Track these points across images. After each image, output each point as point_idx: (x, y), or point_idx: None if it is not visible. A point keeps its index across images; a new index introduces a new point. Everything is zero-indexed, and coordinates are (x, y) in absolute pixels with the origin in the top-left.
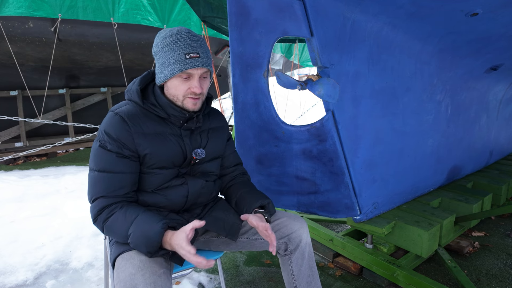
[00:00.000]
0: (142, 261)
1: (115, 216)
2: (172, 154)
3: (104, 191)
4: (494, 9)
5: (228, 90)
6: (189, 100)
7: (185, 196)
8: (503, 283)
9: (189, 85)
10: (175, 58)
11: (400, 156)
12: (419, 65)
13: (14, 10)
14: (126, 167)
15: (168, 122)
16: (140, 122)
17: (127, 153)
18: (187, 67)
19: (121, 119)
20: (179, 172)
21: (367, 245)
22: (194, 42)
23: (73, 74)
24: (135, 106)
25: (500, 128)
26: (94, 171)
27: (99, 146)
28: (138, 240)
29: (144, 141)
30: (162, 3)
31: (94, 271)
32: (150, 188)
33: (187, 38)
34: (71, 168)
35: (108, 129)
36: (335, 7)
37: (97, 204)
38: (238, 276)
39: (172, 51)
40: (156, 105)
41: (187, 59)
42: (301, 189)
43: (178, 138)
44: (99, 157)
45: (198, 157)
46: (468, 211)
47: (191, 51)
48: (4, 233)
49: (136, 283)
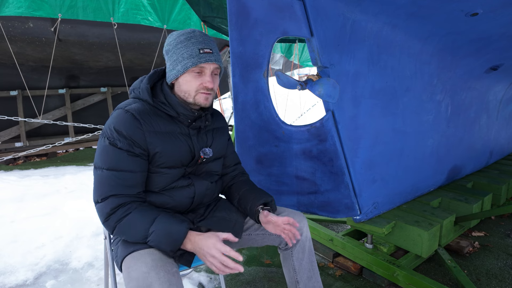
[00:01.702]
0: (154, 260)
1: (132, 215)
2: (181, 153)
3: (115, 189)
4: (494, 9)
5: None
6: (201, 95)
7: (192, 198)
8: (503, 283)
9: (201, 80)
10: (189, 53)
11: (400, 156)
12: (419, 65)
13: (14, 10)
14: (137, 166)
15: (176, 121)
16: (151, 120)
17: (138, 151)
18: (201, 60)
19: (132, 116)
20: (185, 171)
21: (367, 245)
22: (206, 40)
23: (73, 74)
24: (144, 104)
25: (500, 128)
26: (102, 169)
27: (109, 143)
28: (161, 239)
29: (155, 139)
30: (162, 3)
31: (94, 271)
32: (157, 188)
33: (200, 35)
34: (71, 168)
35: (118, 127)
36: (335, 7)
37: (109, 203)
38: (238, 276)
39: (186, 47)
40: (165, 103)
41: (201, 53)
42: (301, 189)
43: (186, 137)
44: (109, 155)
45: (206, 156)
46: (468, 211)
47: (204, 46)
48: (4, 233)
49: (151, 281)
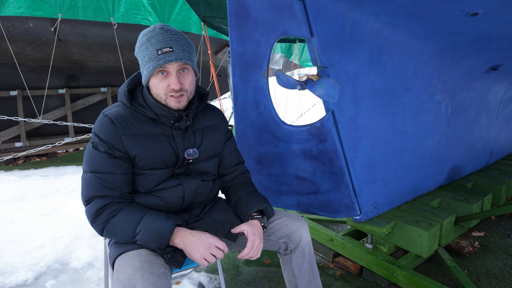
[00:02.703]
0: (141, 262)
1: (119, 216)
2: (163, 154)
3: (98, 191)
4: (494, 9)
5: (228, 90)
6: (171, 98)
7: (181, 197)
8: (503, 283)
9: (167, 82)
10: (148, 56)
11: (400, 156)
12: (419, 65)
13: (14, 10)
14: (118, 168)
15: (158, 123)
16: (128, 123)
17: (118, 154)
18: (159, 63)
19: (109, 120)
20: (174, 172)
21: (367, 245)
22: (167, 37)
23: (73, 74)
24: (124, 108)
25: (500, 128)
26: (87, 172)
27: (92, 147)
28: (148, 237)
29: (133, 142)
30: (162, 3)
31: (94, 271)
32: (143, 189)
33: (160, 34)
34: (71, 168)
35: (97, 131)
36: (335, 7)
37: (94, 205)
38: (238, 276)
39: (146, 49)
40: (144, 106)
41: (159, 55)
42: (301, 189)
43: (169, 138)
44: (92, 158)
45: (191, 157)
46: (468, 211)
47: (163, 46)
48: (4, 233)
49: (136, 283)
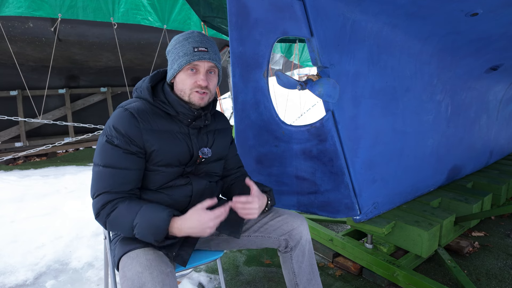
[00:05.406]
0: (149, 260)
1: (118, 209)
2: (179, 152)
3: (108, 186)
4: (494, 9)
5: (228, 90)
6: (195, 94)
7: (189, 196)
8: (503, 283)
9: (195, 78)
10: (184, 51)
11: (400, 156)
12: (419, 65)
13: (14, 10)
14: (132, 163)
15: (176, 120)
16: (149, 118)
17: (134, 149)
18: (194, 58)
19: (131, 114)
20: (184, 171)
21: (367, 245)
22: (204, 40)
23: (73, 74)
24: (144, 103)
25: (500, 128)
26: (99, 166)
27: (105, 141)
28: (145, 230)
29: (153, 137)
30: (162, 3)
31: (94, 271)
32: (154, 186)
33: (198, 36)
34: (71, 168)
35: (117, 124)
36: (335, 7)
37: (100, 199)
38: (238, 276)
39: (182, 46)
40: (165, 102)
41: (195, 51)
42: (301, 189)
43: (185, 136)
44: (105, 152)
45: (205, 156)
46: (468, 211)
47: (200, 45)
48: (4, 233)
49: (144, 281)
